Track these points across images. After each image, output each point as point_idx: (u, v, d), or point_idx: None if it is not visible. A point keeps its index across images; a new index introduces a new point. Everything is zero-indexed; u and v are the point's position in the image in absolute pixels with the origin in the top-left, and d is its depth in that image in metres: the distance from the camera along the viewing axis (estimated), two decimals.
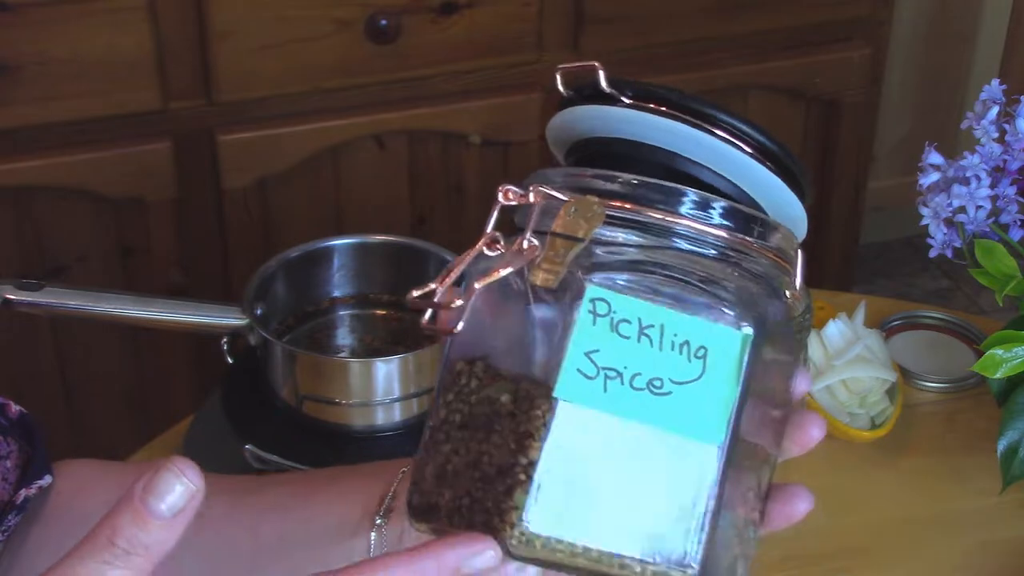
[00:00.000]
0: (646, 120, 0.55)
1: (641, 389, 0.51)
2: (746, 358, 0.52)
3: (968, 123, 1.03)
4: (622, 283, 0.52)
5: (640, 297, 0.52)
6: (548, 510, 0.50)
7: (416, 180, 1.82)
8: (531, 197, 0.53)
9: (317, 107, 1.75)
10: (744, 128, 0.55)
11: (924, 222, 1.02)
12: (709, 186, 0.55)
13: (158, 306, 1.14)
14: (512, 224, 0.56)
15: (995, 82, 1.03)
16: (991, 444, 1.03)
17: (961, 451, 1.13)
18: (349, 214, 1.81)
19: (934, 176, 1.03)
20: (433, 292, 0.54)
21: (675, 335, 0.51)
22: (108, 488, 0.73)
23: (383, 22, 1.70)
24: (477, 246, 0.53)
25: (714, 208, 0.53)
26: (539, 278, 0.51)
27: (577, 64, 0.56)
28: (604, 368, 0.51)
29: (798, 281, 0.58)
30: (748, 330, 0.53)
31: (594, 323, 0.51)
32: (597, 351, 0.51)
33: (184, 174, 1.72)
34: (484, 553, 0.50)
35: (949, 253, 1.03)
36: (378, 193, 1.81)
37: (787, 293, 0.57)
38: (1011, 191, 1.01)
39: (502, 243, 0.53)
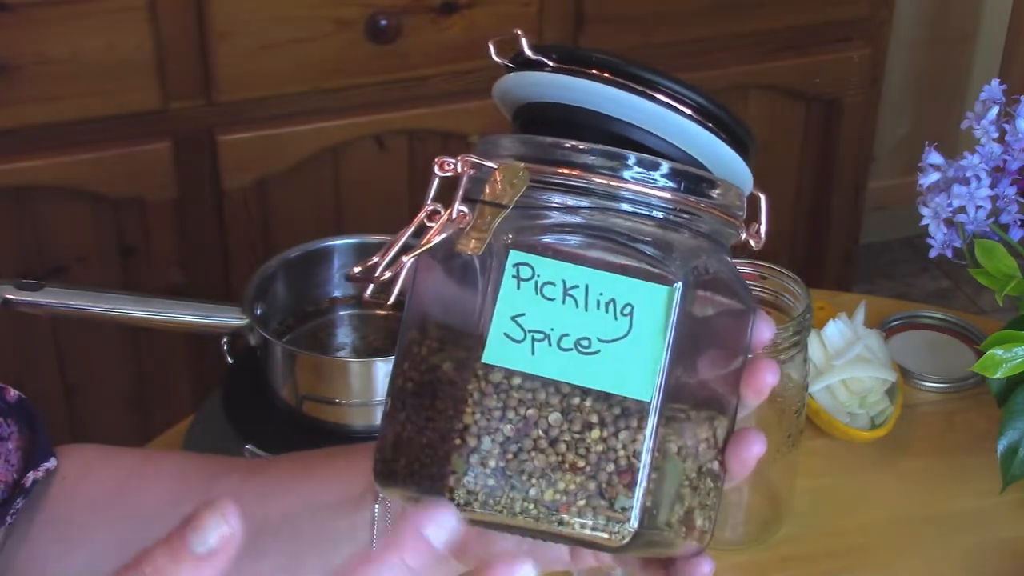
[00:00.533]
0: (578, 85, 0.55)
1: (569, 349, 0.51)
2: (674, 312, 0.52)
3: (968, 123, 1.03)
4: (545, 245, 0.52)
5: (564, 259, 0.52)
6: (483, 473, 0.51)
7: (416, 180, 1.82)
8: (459, 167, 0.54)
9: (317, 107, 1.75)
10: (680, 89, 0.56)
11: (924, 222, 1.02)
12: (646, 148, 0.55)
13: (158, 306, 1.14)
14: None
15: (995, 82, 1.03)
16: (991, 444, 1.02)
17: (961, 451, 1.13)
18: (349, 214, 1.81)
19: (934, 176, 1.03)
20: (375, 266, 0.55)
21: (600, 294, 0.52)
22: (111, 472, 0.73)
23: (383, 22, 1.70)
24: (417, 217, 0.54)
25: (649, 168, 0.53)
26: (468, 246, 0.52)
27: (505, 33, 0.57)
28: (531, 331, 0.51)
29: (763, 229, 0.57)
30: (676, 284, 0.52)
31: (518, 287, 0.52)
32: (523, 315, 0.51)
33: (184, 174, 1.72)
34: (441, 520, 0.49)
35: (949, 253, 1.03)
36: (378, 193, 1.81)
37: (751, 242, 0.57)
38: (1011, 191, 1.01)
39: (442, 214, 0.54)
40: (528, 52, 0.56)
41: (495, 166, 0.53)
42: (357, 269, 0.55)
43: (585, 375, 0.52)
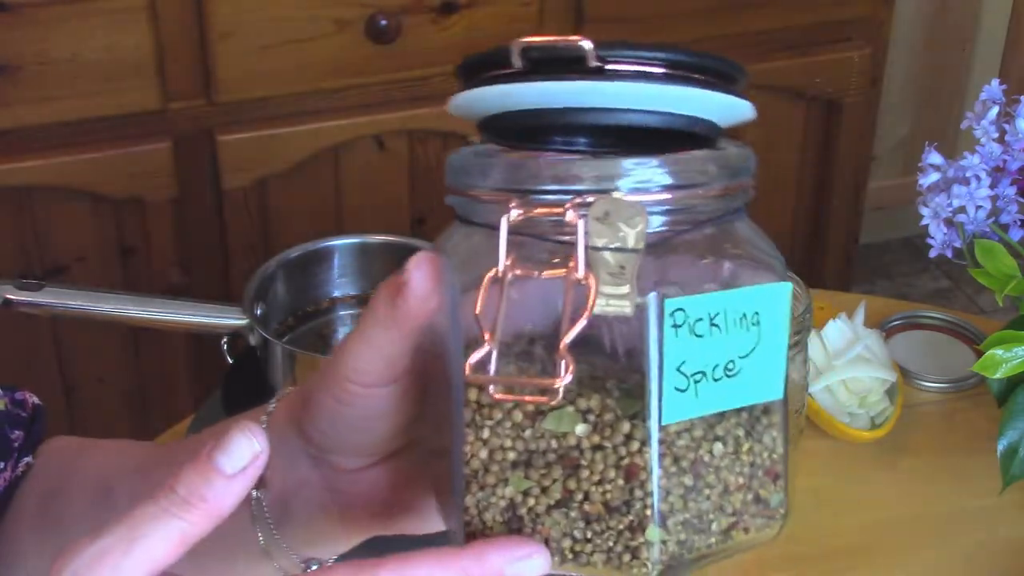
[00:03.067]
0: (557, 88, 0.49)
1: (720, 379, 0.49)
2: (790, 303, 0.51)
3: (968, 123, 1.03)
4: (684, 285, 0.48)
5: (702, 289, 0.48)
6: (677, 531, 0.48)
7: (416, 180, 1.82)
8: (569, 215, 0.47)
9: (317, 107, 1.75)
10: (653, 54, 0.49)
11: (924, 222, 1.02)
12: (651, 130, 0.50)
13: (158, 306, 1.14)
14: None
15: (995, 82, 1.03)
16: (991, 444, 1.03)
17: (961, 451, 1.13)
18: (349, 214, 1.81)
19: (934, 176, 1.03)
20: (489, 354, 0.47)
21: (735, 312, 0.49)
22: (55, 472, 0.72)
23: (383, 22, 1.70)
24: (506, 277, 0.47)
25: (729, 166, 0.50)
26: (611, 306, 0.46)
27: (497, 44, 0.50)
28: (692, 375, 0.48)
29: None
30: (788, 279, 0.51)
31: (677, 336, 0.48)
32: (684, 362, 0.48)
33: (184, 174, 1.72)
34: (533, 559, 0.47)
35: (949, 253, 1.03)
36: (378, 193, 1.81)
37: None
38: (1011, 191, 1.01)
39: (504, 270, 0.47)
40: (517, 62, 0.49)
41: (593, 200, 0.47)
42: (472, 362, 0.47)
43: (735, 397, 0.49)
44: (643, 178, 0.48)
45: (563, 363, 0.46)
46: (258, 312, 1.14)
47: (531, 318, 0.50)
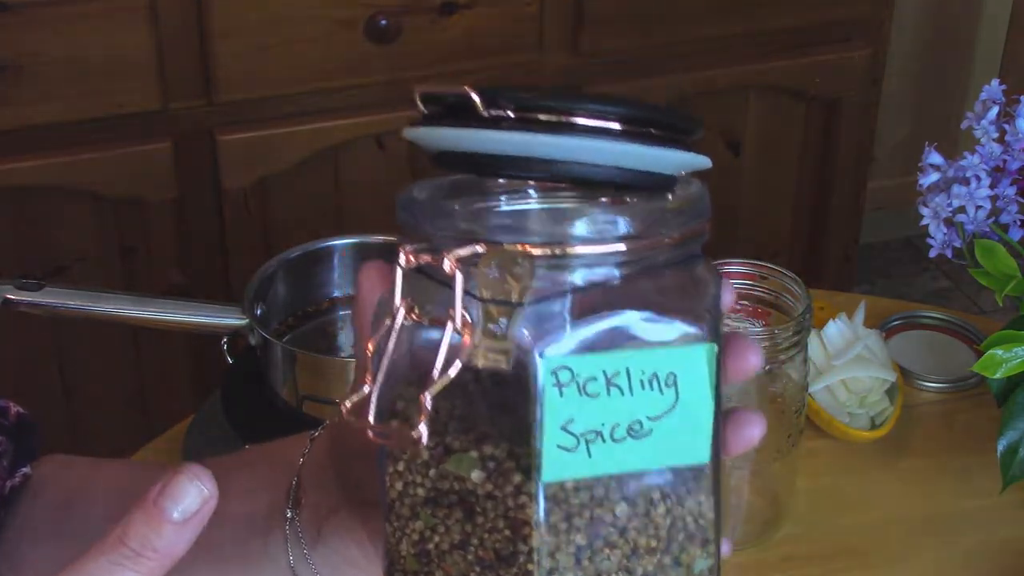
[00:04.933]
0: (528, 139, 0.49)
1: (622, 439, 0.48)
2: (715, 367, 0.49)
3: (968, 123, 1.03)
4: (576, 342, 0.47)
5: (596, 349, 0.47)
6: None
7: (416, 180, 1.82)
8: (447, 265, 0.46)
9: (317, 107, 1.75)
10: (612, 109, 0.49)
11: (924, 222, 1.02)
12: (605, 183, 0.50)
13: (158, 306, 1.14)
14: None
15: (995, 82, 1.03)
16: (991, 444, 1.03)
17: (961, 451, 1.13)
18: (349, 214, 1.81)
19: (934, 176, 1.03)
20: (369, 396, 0.48)
21: (642, 373, 0.48)
22: (59, 489, 0.72)
23: (383, 22, 1.70)
24: (396, 321, 0.48)
25: (623, 222, 0.48)
26: (487, 360, 0.46)
27: (446, 88, 0.50)
28: (582, 434, 0.47)
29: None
30: (712, 341, 0.49)
31: (561, 395, 0.46)
32: (571, 421, 0.47)
33: (184, 174, 1.72)
34: None
35: (949, 253, 1.03)
36: (378, 193, 1.81)
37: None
38: (1011, 191, 1.01)
39: (416, 310, 0.48)
40: (483, 111, 0.48)
41: (484, 251, 0.46)
42: (348, 404, 0.48)
43: (644, 459, 0.48)
44: (596, 230, 0.47)
45: (423, 414, 0.46)
46: (258, 312, 1.14)
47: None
